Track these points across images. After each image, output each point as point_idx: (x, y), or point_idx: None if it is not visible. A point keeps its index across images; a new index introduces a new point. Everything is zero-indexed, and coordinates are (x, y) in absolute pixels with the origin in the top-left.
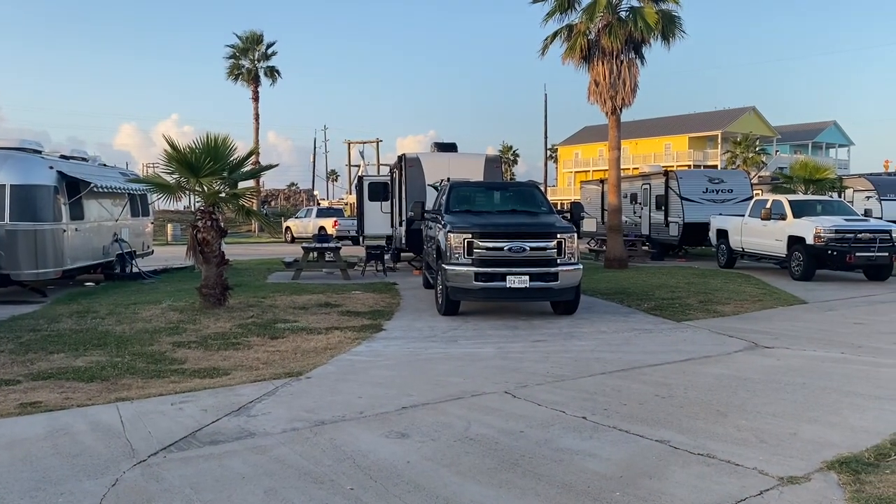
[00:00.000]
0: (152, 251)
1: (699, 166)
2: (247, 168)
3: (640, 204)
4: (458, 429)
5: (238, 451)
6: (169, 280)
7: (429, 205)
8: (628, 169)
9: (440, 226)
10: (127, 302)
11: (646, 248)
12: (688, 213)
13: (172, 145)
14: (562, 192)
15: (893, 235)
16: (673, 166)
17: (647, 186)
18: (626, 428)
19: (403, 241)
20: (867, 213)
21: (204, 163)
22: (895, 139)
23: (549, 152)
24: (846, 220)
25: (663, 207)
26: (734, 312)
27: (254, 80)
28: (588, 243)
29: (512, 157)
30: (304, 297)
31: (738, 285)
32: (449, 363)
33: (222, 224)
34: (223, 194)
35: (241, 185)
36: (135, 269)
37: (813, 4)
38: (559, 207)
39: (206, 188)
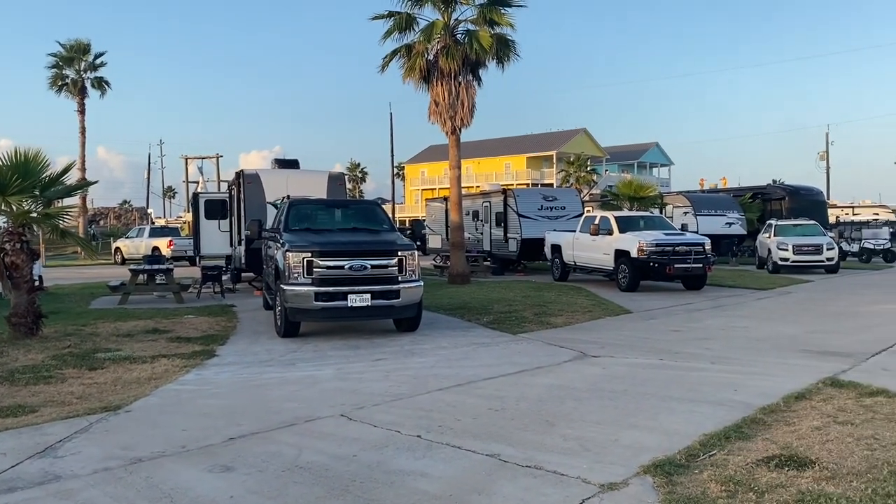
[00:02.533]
0: None
1: (537, 184)
2: (62, 185)
3: (481, 221)
4: (289, 457)
5: (39, 498)
6: None
7: (270, 223)
8: (471, 187)
9: (279, 245)
10: None
11: (487, 263)
12: (525, 230)
13: None
14: (409, 209)
15: (706, 248)
16: (513, 184)
17: (488, 204)
18: (459, 444)
19: (243, 261)
20: (684, 227)
21: (11, 180)
22: (710, 159)
23: (396, 170)
24: (665, 234)
25: (503, 224)
26: (566, 324)
27: (80, 92)
28: (434, 260)
29: (360, 175)
30: (130, 324)
31: (571, 297)
32: (284, 388)
33: (34, 246)
34: (34, 214)
35: (65, 202)
36: None
37: (633, 37)
38: (406, 225)
39: (14, 207)
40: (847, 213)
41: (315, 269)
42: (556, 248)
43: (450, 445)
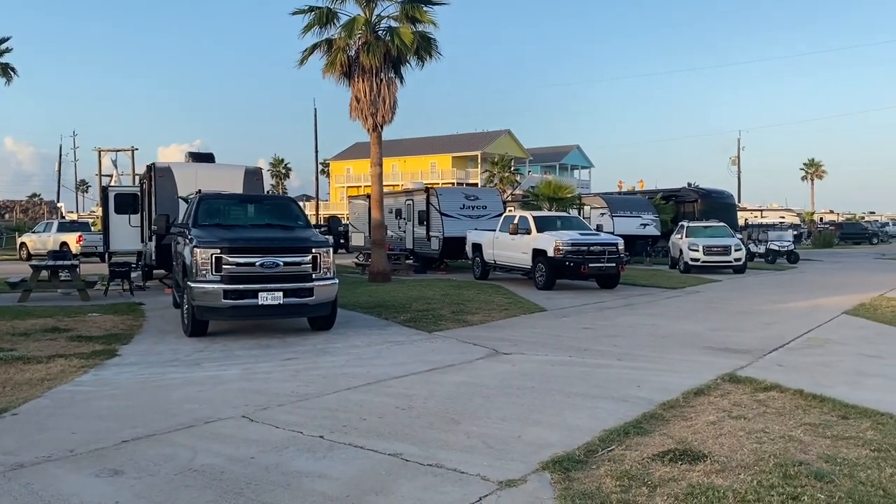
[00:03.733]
0: None
1: (462, 184)
2: None
3: (404, 219)
4: (183, 460)
5: None
6: None
7: (182, 219)
8: (397, 185)
9: (187, 240)
10: None
11: (410, 261)
12: (447, 228)
13: None
14: (334, 206)
15: (620, 248)
16: (438, 183)
17: (411, 202)
18: (362, 444)
19: (153, 258)
20: (599, 227)
21: None
22: (629, 162)
23: (321, 167)
24: (581, 234)
25: (425, 223)
26: (482, 322)
27: None
28: (357, 257)
29: (284, 171)
30: (29, 322)
31: (489, 296)
32: (187, 389)
33: None
34: None
35: None
36: None
37: (557, 41)
38: (323, 222)
39: None
40: (756, 216)
41: (224, 266)
42: (477, 247)
43: (352, 445)
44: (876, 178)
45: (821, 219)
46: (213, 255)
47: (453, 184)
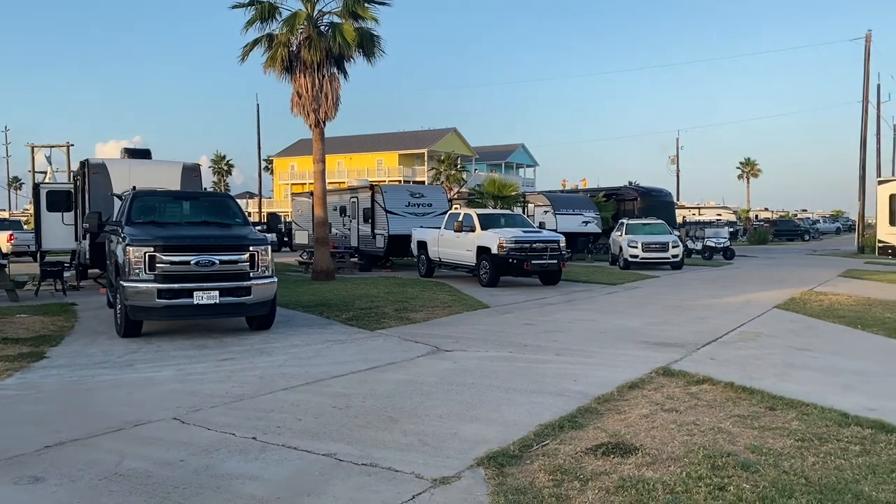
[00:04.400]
0: None
1: (408, 181)
2: None
3: (349, 217)
4: (108, 465)
5: None
6: None
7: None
8: (342, 183)
9: (120, 239)
10: None
11: (354, 259)
12: (392, 226)
13: None
14: (278, 204)
15: (561, 245)
16: (385, 181)
17: (356, 200)
18: (296, 444)
19: (87, 257)
20: (542, 225)
21: None
22: (573, 161)
23: (265, 164)
24: (524, 231)
25: (370, 220)
26: (425, 319)
27: None
28: (301, 256)
29: (226, 168)
30: None
31: (433, 293)
32: (117, 391)
33: None
34: None
35: None
36: None
37: (503, 40)
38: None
39: None
40: (693, 214)
41: (158, 265)
42: (423, 245)
43: (286, 446)
44: (808, 178)
45: (756, 216)
46: (147, 254)
47: (400, 181)
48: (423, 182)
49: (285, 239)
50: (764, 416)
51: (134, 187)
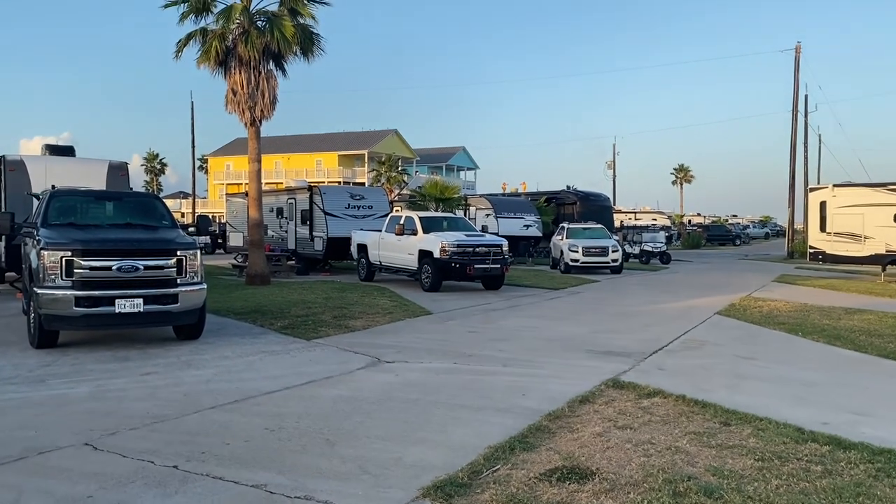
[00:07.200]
0: None
1: (349, 183)
2: None
3: (286, 219)
4: None
5: None
6: None
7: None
8: (280, 183)
9: (34, 241)
10: None
11: (292, 263)
12: (331, 228)
13: None
14: (213, 204)
15: (504, 249)
16: (324, 182)
17: (293, 201)
18: (222, 474)
19: (3, 259)
20: (484, 228)
21: None
22: (513, 165)
23: (199, 163)
24: (467, 235)
25: (308, 222)
26: (365, 327)
27: None
28: (235, 259)
29: (159, 167)
30: None
31: (374, 298)
32: (23, 412)
33: None
34: None
35: None
36: None
37: (444, 42)
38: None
39: None
40: (630, 218)
41: (76, 271)
42: (363, 248)
43: (210, 476)
44: (738, 184)
45: (689, 221)
46: (64, 258)
47: (340, 182)
48: (363, 184)
49: (219, 241)
50: (720, 433)
51: (53, 186)
